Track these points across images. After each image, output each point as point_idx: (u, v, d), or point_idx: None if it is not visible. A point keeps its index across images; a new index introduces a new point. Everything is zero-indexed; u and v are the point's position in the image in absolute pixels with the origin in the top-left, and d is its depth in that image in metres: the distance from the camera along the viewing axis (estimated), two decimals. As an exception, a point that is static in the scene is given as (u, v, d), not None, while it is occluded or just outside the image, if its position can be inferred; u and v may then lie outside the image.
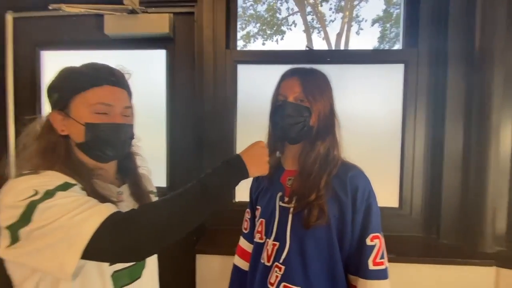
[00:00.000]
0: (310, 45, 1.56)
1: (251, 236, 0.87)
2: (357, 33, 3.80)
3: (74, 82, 0.60)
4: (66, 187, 0.53)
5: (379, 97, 1.33)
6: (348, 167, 0.76)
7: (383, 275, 0.71)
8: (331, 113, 0.79)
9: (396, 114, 1.32)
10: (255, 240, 0.83)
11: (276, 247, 0.76)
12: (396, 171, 1.32)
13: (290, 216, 0.75)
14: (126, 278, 0.62)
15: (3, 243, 0.50)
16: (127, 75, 0.67)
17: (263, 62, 1.36)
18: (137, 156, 0.73)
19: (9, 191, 0.52)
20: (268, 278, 0.76)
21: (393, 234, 1.25)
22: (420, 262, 1.12)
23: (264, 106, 0.83)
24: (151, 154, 0.76)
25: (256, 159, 0.64)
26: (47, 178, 0.53)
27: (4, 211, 0.50)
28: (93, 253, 0.49)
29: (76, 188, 0.54)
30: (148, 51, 1.39)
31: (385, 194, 1.31)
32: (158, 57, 1.38)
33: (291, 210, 0.75)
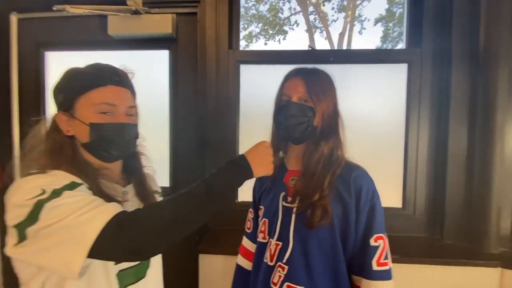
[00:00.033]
0: (313, 45, 1.55)
1: (254, 236, 0.87)
2: (360, 33, 3.79)
3: (78, 83, 0.61)
4: (73, 187, 0.53)
5: (382, 97, 1.33)
6: (352, 167, 0.76)
7: (387, 276, 0.71)
8: (335, 113, 0.78)
9: (400, 114, 1.31)
10: (258, 240, 0.83)
11: (279, 247, 0.76)
12: (399, 171, 1.31)
13: (293, 216, 0.75)
14: (131, 277, 0.62)
15: (11, 242, 0.50)
16: (130, 75, 0.67)
17: (266, 62, 1.36)
18: (142, 156, 0.73)
19: (17, 190, 0.52)
20: (271, 278, 0.76)
21: (396, 235, 1.25)
22: (424, 263, 1.11)
23: (267, 106, 0.83)
24: (154, 154, 0.76)
25: (261, 159, 0.64)
26: (54, 178, 0.54)
27: (12, 210, 0.51)
28: (99, 252, 0.49)
29: (83, 188, 0.55)
30: (151, 52, 1.40)
31: (388, 194, 1.30)
32: (161, 58, 1.39)
33: (294, 210, 0.75)
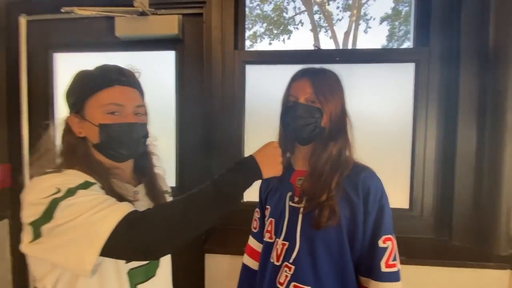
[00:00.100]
0: (318, 44, 1.55)
1: (261, 236, 0.87)
2: (365, 32, 3.75)
3: (86, 85, 0.62)
4: (87, 186, 0.54)
5: (389, 97, 1.31)
6: (360, 168, 0.76)
7: (396, 277, 0.70)
8: (343, 114, 0.78)
9: (407, 114, 1.30)
10: (265, 240, 0.83)
11: (286, 247, 0.76)
12: (407, 172, 1.30)
13: (300, 216, 0.75)
14: (142, 276, 0.63)
15: (26, 239, 0.52)
16: (137, 74, 0.68)
17: (272, 62, 1.36)
18: (153, 156, 0.74)
19: (33, 189, 0.53)
20: (278, 278, 0.76)
21: (404, 236, 1.23)
22: (431, 265, 1.10)
23: (272, 106, 0.83)
24: (160, 154, 0.77)
25: (270, 160, 0.64)
26: (69, 177, 0.55)
27: (28, 208, 0.52)
28: (111, 251, 0.50)
29: (96, 187, 0.56)
30: (158, 52, 1.41)
31: (395, 195, 1.29)
32: (168, 58, 1.40)
33: (301, 210, 0.75)
